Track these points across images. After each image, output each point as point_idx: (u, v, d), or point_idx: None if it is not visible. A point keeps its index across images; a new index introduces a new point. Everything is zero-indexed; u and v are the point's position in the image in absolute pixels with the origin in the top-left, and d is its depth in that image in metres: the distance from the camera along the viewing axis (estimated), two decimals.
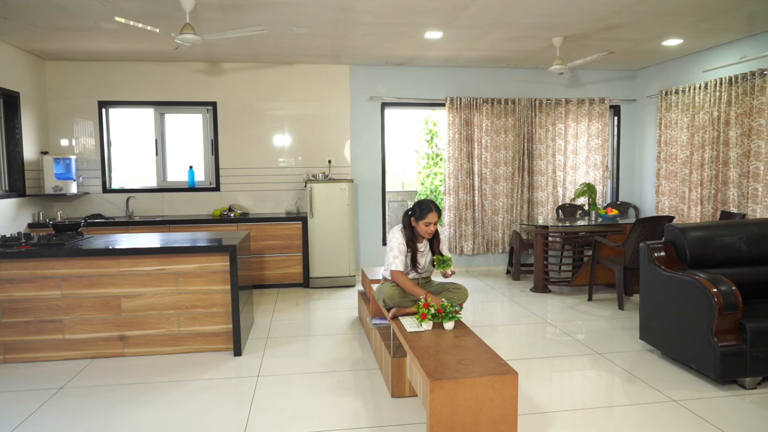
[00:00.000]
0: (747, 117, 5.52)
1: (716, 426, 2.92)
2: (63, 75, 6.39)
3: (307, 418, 3.06)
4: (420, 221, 3.67)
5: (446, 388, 2.54)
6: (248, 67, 6.68)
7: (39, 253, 3.91)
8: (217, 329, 4.17)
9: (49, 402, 3.31)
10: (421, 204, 3.70)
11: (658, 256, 3.94)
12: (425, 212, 3.65)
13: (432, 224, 3.66)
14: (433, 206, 3.68)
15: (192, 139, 6.81)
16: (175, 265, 4.08)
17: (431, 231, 3.68)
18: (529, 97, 7.14)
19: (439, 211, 3.69)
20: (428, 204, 3.68)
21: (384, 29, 5.20)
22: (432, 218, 3.64)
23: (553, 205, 7.26)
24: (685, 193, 6.35)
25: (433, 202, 3.71)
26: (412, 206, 3.76)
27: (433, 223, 3.67)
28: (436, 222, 3.69)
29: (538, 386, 3.48)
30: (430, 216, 3.64)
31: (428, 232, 3.67)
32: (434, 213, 3.65)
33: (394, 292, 3.59)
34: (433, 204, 3.69)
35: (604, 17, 4.85)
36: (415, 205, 3.73)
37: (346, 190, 6.39)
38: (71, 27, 4.98)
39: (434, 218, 3.65)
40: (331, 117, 6.88)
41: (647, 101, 7.23)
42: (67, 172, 6.11)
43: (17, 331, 3.96)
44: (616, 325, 4.84)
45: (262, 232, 6.31)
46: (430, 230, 3.67)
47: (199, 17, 4.67)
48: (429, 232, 3.67)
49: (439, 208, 3.70)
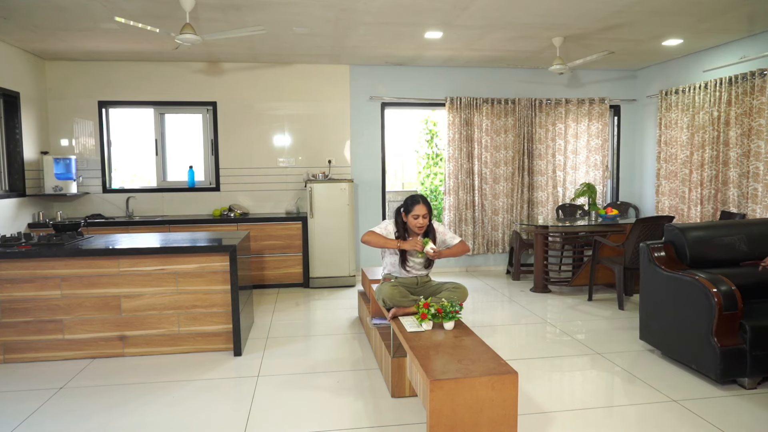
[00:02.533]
0: (747, 117, 5.52)
1: (716, 426, 2.92)
2: (63, 75, 6.39)
3: (307, 418, 3.06)
4: (409, 215, 3.67)
5: (446, 388, 2.54)
6: (248, 67, 6.68)
7: (39, 253, 3.91)
8: (217, 329, 4.17)
9: (49, 402, 3.31)
10: (409, 198, 3.71)
11: (658, 256, 3.94)
12: (412, 205, 3.65)
13: (420, 217, 3.63)
14: (420, 199, 3.66)
15: (192, 139, 6.81)
16: (175, 265, 4.08)
17: (420, 224, 3.65)
18: (529, 97, 7.14)
19: (428, 205, 3.66)
20: (416, 197, 3.68)
21: (384, 29, 5.20)
22: (419, 210, 3.62)
23: (553, 205, 7.26)
24: (685, 193, 6.35)
25: (421, 196, 3.70)
26: (404, 201, 3.76)
27: (422, 216, 3.63)
28: (426, 216, 3.65)
29: (538, 386, 3.48)
30: (417, 208, 3.62)
31: (417, 225, 3.65)
32: (422, 205, 3.63)
33: (394, 292, 3.58)
34: (420, 197, 3.68)
35: (604, 17, 4.85)
36: (407, 199, 3.73)
37: (346, 190, 6.39)
38: (71, 27, 4.98)
39: (422, 210, 3.62)
40: (331, 117, 6.88)
41: (647, 101, 7.23)
42: (67, 172, 6.11)
43: (17, 331, 3.96)
44: (616, 325, 4.84)
45: (262, 232, 6.31)
46: (419, 224, 3.64)
47: (199, 17, 4.67)
48: (418, 226, 3.65)
49: (428, 202, 3.69)
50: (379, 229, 3.75)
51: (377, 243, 3.69)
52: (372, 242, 3.69)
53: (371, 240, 3.69)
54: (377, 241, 3.68)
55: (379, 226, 3.80)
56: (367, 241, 3.70)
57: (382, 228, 3.77)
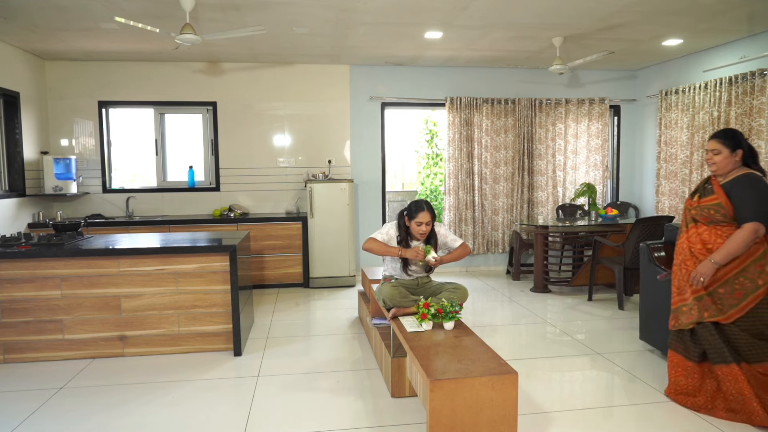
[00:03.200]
0: (747, 117, 5.52)
1: (716, 426, 2.92)
2: (63, 75, 6.39)
3: (307, 418, 3.06)
4: (412, 221, 3.63)
5: (446, 388, 2.54)
6: (248, 67, 6.68)
7: (39, 253, 3.91)
8: (217, 329, 4.17)
9: (49, 402, 3.31)
10: (414, 203, 3.68)
11: (658, 256, 3.94)
12: (416, 211, 3.60)
13: (423, 224, 3.58)
14: (425, 206, 3.61)
15: (192, 139, 6.81)
16: (175, 265, 4.08)
17: (423, 231, 3.61)
18: (529, 97, 7.14)
19: (432, 212, 3.62)
20: (421, 203, 3.63)
21: (384, 29, 5.20)
22: (423, 218, 3.57)
23: (553, 205, 7.26)
24: (685, 193, 6.35)
25: (426, 202, 3.64)
26: (408, 206, 3.74)
27: (425, 224, 3.58)
28: (429, 222, 3.59)
29: (538, 386, 3.48)
30: (422, 215, 3.58)
31: (420, 232, 3.62)
32: (426, 212, 3.58)
33: (394, 292, 3.58)
34: (426, 203, 3.62)
35: (604, 17, 4.86)
36: (411, 204, 3.71)
37: (346, 190, 6.39)
38: (71, 27, 4.98)
39: (426, 218, 3.57)
40: (331, 117, 6.88)
41: (647, 101, 7.23)
42: (67, 172, 6.11)
43: (17, 331, 3.96)
44: (616, 325, 4.84)
45: (262, 232, 6.31)
46: (421, 230, 3.61)
47: (199, 17, 4.67)
48: (421, 232, 3.62)
49: (432, 209, 3.64)
50: (381, 235, 3.71)
51: (379, 251, 3.65)
52: (374, 250, 3.65)
53: (373, 247, 3.65)
54: (379, 248, 3.64)
55: (380, 231, 3.76)
56: (368, 248, 3.66)
57: (383, 233, 3.73)
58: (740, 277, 2.93)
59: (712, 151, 3.06)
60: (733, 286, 2.94)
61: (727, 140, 3.02)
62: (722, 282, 2.97)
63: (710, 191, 3.08)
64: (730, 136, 3.03)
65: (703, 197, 3.10)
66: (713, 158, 3.06)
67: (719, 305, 2.98)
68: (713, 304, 2.99)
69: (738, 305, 2.93)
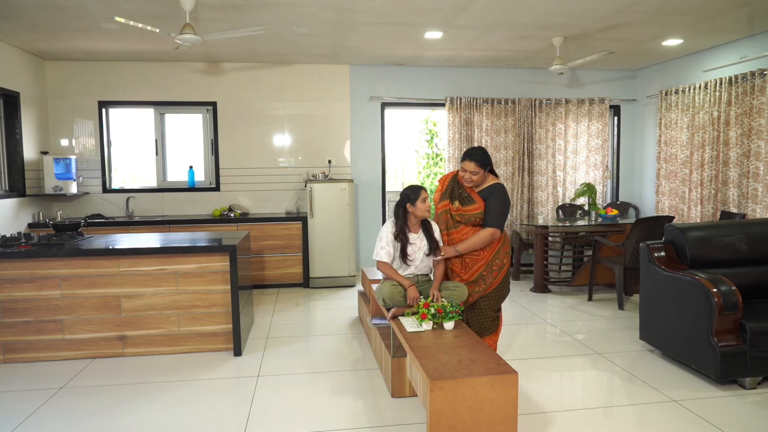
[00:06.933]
0: (747, 117, 5.52)
1: (716, 426, 2.92)
2: (63, 75, 6.39)
3: (307, 418, 3.06)
4: (417, 201, 3.61)
5: (446, 388, 2.54)
6: (248, 67, 6.68)
7: (39, 253, 3.91)
8: (217, 329, 4.17)
9: (49, 402, 3.31)
10: (407, 189, 3.67)
11: (658, 256, 3.94)
12: (418, 190, 3.61)
13: (468, 173, 3.54)
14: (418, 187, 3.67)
15: (192, 139, 6.81)
16: (175, 265, 4.08)
17: (468, 178, 3.57)
18: (529, 97, 7.14)
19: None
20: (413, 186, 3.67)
21: (384, 29, 5.20)
22: (425, 194, 3.65)
23: (553, 205, 7.26)
24: (685, 193, 6.35)
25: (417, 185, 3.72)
26: (401, 196, 3.68)
27: (470, 172, 3.54)
28: (475, 171, 3.56)
29: (538, 386, 3.48)
30: (423, 193, 3.63)
31: (426, 208, 3.66)
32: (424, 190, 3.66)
33: (395, 292, 3.57)
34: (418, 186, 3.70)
35: (604, 17, 4.86)
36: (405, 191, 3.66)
37: (346, 190, 6.39)
38: (71, 27, 4.98)
39: (426, 193, 3.66)
40: (331, 117, 6.88)
41: (647, 101, 7.23)
42: (67, 172, 6.11)
43: (17, 331, 3.96)
44: (616, 325, 4.84)
45: (262, 232, 6.31)
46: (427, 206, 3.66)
47: (199, 17, 4.67)
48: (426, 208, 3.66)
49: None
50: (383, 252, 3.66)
51: (389, 275, 3.66)
52: (385, 274, 3.70)
53: (383, 271, 3.69)
54: (389, 274, 3.65)
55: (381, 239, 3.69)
56: (380, 270, 3.72)
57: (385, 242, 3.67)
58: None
59: (471, 172, 3.46)
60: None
61: (480, 162, 3.45)
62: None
63: (470, 200, 3.52)
64: (482, 158, 3.46)
65: (465, 205, 3.52)
66: (472, 178, 3.48)
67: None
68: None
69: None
